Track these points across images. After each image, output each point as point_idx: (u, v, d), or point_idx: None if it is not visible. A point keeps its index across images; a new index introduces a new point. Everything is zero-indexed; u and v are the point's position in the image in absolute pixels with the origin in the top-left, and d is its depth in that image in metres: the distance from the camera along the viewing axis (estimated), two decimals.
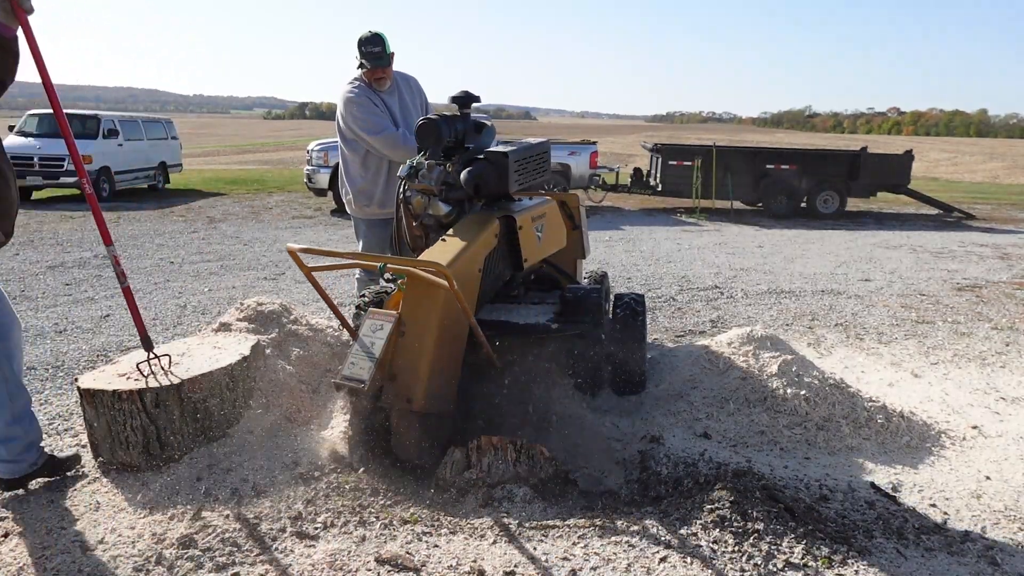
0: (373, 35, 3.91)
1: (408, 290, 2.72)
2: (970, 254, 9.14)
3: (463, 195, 3.21)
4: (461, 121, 3.33)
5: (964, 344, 4.93)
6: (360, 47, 3.93)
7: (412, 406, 2.61)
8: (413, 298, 2.70)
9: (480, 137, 3.42)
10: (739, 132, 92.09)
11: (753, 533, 2.22)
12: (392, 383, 2.63)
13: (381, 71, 3.96)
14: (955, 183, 24.94)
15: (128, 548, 2.22)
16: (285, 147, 37.39)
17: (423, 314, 2.67)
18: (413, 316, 2.68)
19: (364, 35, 3.93)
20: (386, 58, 3.93)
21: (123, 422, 2.67)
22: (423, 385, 2.61)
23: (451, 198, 3.22)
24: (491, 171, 3.10)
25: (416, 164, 3.20)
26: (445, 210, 3.21)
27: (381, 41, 3.89)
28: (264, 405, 3.16)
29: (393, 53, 3.98)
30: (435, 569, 2.07)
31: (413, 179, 3.20)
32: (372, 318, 2.70)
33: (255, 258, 7.82)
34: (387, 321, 2.66)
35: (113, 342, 4.68)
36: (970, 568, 2.23)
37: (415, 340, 2.65)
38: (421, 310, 2.68)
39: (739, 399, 3.37)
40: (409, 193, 3.25)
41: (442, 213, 3.21)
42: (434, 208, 3.22)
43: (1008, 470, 2.97)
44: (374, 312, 2.74)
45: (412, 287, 2.71)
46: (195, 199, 13.16)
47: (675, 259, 8.33)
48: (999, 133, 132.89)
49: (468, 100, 3.34)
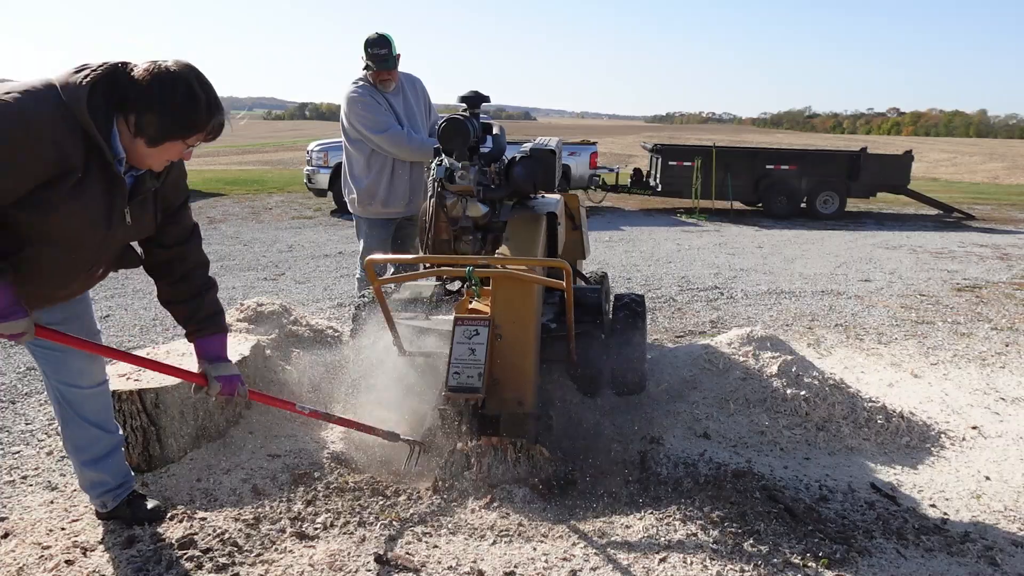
0: (380, 37, 3.91)
1: (499, 292, 2.68)
2: (970, 254, 9.14)
3: (500, 195, 3.20)
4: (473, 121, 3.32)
5: (964, 344, 4.94)
6: (367, 49, 3.93)
7: (524, 408, 2.59)
8: (505, 299, 2.67)
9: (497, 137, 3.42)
10: (739, 132, 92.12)
11: (753, 533, 2.22)
12: (496, 387, 2.59)
13: (387, 73, 3.96)
14: (955, 183, 24.94)
15: (128, 548, 2.22)
16: (285, 147, 37.39)
17: (518, 314, 2.65)
18: (508, 317, 2.65)
19: (371, 37, 3.93)
20: (392, 60, 3.93)
21: (123, 422, 2.67)
22: (531, 385, 2.60)
23: (487, 198, 3.19)
24: (539, 168, 3.11)
25: (449, 165, 3.17)
26: (483, 211, 3.17)
27: (388, 43, 3.90)
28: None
29: (399, 55, 3.99)
30: (435, 569, 2.07)
31: (451, 181, 3.15)
32: (463, 324, 2.62)
33: (255, 258, 7.82)
34: (481, 325, 2.60)
35: (113, 342, 4.68)
36: (970, 568, 2.23)
37: (515, 341, 2.62)
38: (515, 311, 2.65)
39: (739, 399, 3.37)
40: (445, 195, 3.18)
41: (480, 214, 3.17)
42: (472, 209, 3.16)
43: (1008, 470, 2.98)
44: (462, 318, 2.66)
45: (503, 288, 2.67)
46: (195, 199, 13.13)
47: (675, 259, 8.33)
48: (999, 133, 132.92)
49: (478, 100, 3.31)
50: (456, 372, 2.53)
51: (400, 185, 4.14)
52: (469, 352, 2.56)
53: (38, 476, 2.80)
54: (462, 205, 3.15)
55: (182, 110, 1.80)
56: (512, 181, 3.10)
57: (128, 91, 1.78)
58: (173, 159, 1.94)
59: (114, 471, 2.37)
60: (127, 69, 1.80)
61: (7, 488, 2.70)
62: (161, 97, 1.77)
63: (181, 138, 1.85)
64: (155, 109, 1.78)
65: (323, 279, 6.83)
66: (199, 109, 1.82)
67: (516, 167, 3.10)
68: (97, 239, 1.93)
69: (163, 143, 1.84)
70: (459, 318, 2.66)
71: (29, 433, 3.22)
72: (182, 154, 1.93)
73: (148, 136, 1.81)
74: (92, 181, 1.80)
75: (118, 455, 2.40)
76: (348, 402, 3.28)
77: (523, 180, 3.08)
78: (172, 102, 1.78)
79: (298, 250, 8.42)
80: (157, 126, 1.80)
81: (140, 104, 1.78)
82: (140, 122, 1.79)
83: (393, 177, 4.11)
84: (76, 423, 2.27)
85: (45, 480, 2.76)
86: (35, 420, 3.33)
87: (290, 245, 8.75)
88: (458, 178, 3.11)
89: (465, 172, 3.10)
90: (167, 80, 1.78)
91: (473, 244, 3.23)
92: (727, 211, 13.18)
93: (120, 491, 2.38)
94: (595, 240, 8.97)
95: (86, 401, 2.25)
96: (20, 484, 2.74)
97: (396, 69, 4.01)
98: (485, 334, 2.58)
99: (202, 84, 1.83)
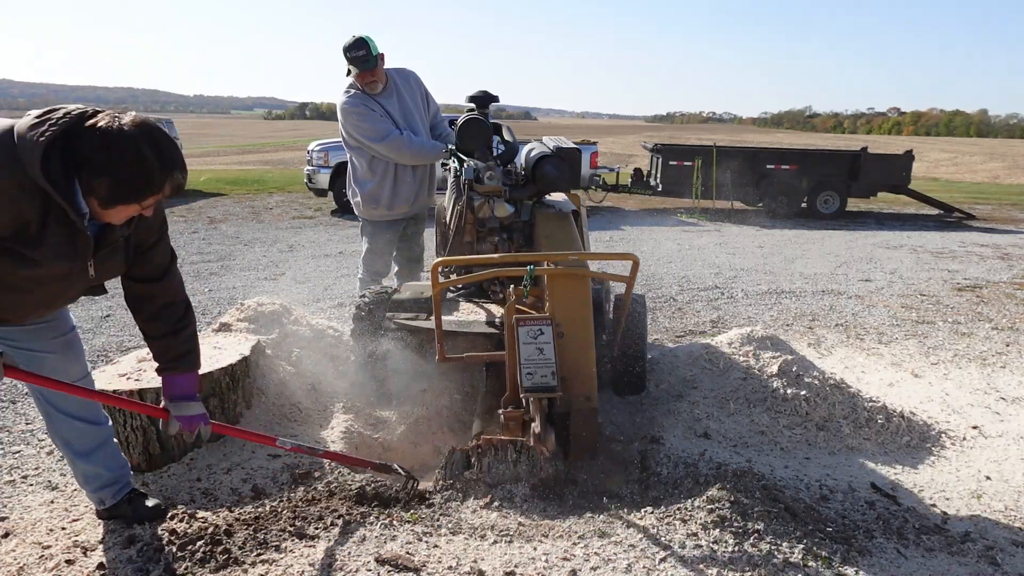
0: (356, 40, 3.87)
1: (557, 290, 2.70)
2: (970, 254, 9.14)
3: (524, 195, 3.21)
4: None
5: (964, 344, 4.93)
6: (346, 54, 3.90)
7: (591, 403, 2.61)
8: (563, 297, 2.69)
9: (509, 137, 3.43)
10: (739, 132, 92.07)
11: (753, 533, 2.22)
12: (564, 385, 2.59)
13: (370, 74, 3.92)
14: (955, 183, 24.92)
15: (128, 548, 2.22)
16: (285, 147, 37.40)
17: (576, 311, 2.68)
18: (567, 315, 2.67)
19: (348, 41, 3.89)
20: (372, 60, 3.87)
21: (123, 422, 2.67)
22: (594, 381, 2.63)
23: (512, 198, 3.20)
24: (567, 167, 3.14)
25: (475, 166, 3.16)
26: (510, 211, 3.18)
27: (365, 44, 3.85)
28: (264, 405, 3.16)
29: (382, 54, 3.94)
30: (435, 569, 2.07)
31: (479, 182, 3.14)
32: (525, 324, 2.60)
33: (255, 258, 7.82)
34: (543, 325, 2.60)
35: (113, 342, 4.68)
36: (970, 568, 2.23)
37: (576, 339, 2.65)
38: (572, 308, 2.68)
39: (739, 399, 3.37)
40: (474, 196, 3.18)
41: (507, 214, 3.18)
42: (499, 209, 3.17)
43: (1008, 470, 2.97)
44: (523, 319, 2.63)
45: (561, 286, 2.69)
46: (195, 199, 13.15)
47: (675, 259, 8.32)
48: (999, 133, 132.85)
49: (487, 100, 3.30)
50: (529, 373, 2.50)
51: (404, 187, 4.12)
52: (538, 352, 2.54)
53: (38, 476, 2.80)
54: (490, 206, 3.15)
55: (132, 176, 1.76)
56: (543, 179, 3.12)
57: (82, 151, 1.74)
58: (132, 215, 1.89)
59: (108, 463, 2.35)
60: (86, 125, 1.75)
61: (7, 488, 2.70)
62: (109, 163, 1.73)
63: (133, 202, 1.81)
64: (105, 174, 1.74)
65: (323, 279, 6.83)
66: (150, 173, 1.77)
67: (547, 166, 3.11)
68: (58, 287, 1.92)
69: (115, 206, 1.80)
70: (520, 319, 2.62)
71: (30, 433, 3.22)
72: (140, 211, 1.88)
73: (100, 198, 1.78)
74: (51, 235, 1.78)
75: (110, 446, 2.38)
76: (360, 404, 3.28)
77: (555, 178, 3.10)
78: (120, 168, 1.74)
79: (298, 250, 8.42)
80: (107, 191, 1.76)
81: (91, 167, 1.74)
82: (92, 184, 1.76)
83: (396, 180, 4.09)
84: (60, 419, 2.25)
85: (45, 480, 2.76)
86: (35, 420, 3.33)
87: (290, 245, 8.75)
88: (486, 179, 3.11)
89: (493, 173, 3.11)
90: (115, 145, 1.73)
91: (500, 245, 3.23)
92: (727, 211, 13.17)
93: (118, 486, 2.37)
94: (595, 240, 8.97)
95: (67, 396, 2.23)
96: (20, 484, 2.74)
97: (379, 68, 3.95)
98: (549, 332, 2.58)
99: (155, 145, 1.77)
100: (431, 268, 2.71)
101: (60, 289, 1.97)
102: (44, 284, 1.89)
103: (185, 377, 2.24)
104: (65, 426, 2.27)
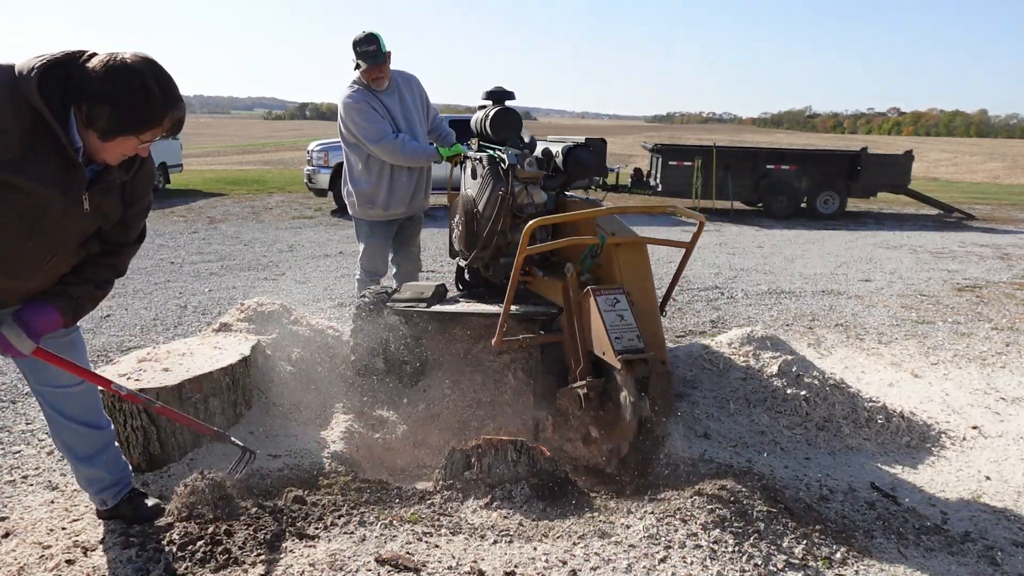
0: (367, 35, 3.89)
1: (625, 258, 2.79)
2: (970, 254, 9.14)
3: (556, 184, 3.33)
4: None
5: (964, 344, 4.93)
6: (355, 48, 3.91)
7: (667, 367, 2.69)
8: (631, 266, 2.79)
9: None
10: (739, 132, 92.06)
11: (753, 533, 2.22)
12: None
13: (378, 70, 3.94)
14: (955, 183, 24.93)
15: (128, 548, 2.22)
16: (285, 147, 37.40)
17: (642, 279, 2.79)
18: (636, 284, 2.76)
19: (358, 36, 3.92)
20: (382, 55, 3.90)
21: (124, 422, 2.67)
22: (664, 346, 2.72)
23: (544, 187, 3.31)
24: (596, 157, 3.30)
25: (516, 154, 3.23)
26: (544, 198, 3.29)
27: (375, 39, 3.88)
28: (264, 405, 3.16)
29: (389, 52, 3.97)
30: (435, 569, 2.07)
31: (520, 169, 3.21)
32: (601, 295, 2.65)
33: (255, 258, 7.82)
34: (617, 293, 2.66)
35: (113, 342, 4.68)
36: (970, 568, 2.23)
37: (644, 305, 2.73)
38: (639, 276, 2.78)
39: (739, 399, 3.37)
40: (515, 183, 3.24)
41: (542, 201, 3.27)
42: (536, 196, 3.26)
43: (1008, 470, 2.97)
44: (597, 289, 2.68)
45: (628, 255, 2.79)
46: (195, 199, 13.15)
47: (675, 259, 8.31)
48: (999, 133, 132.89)
49: (503, 96, 3.37)
50: (617, 338, 2.55)
51: (400, 188, 4.11)
52: (619, 318, 2.59)
53: (39, 476, 2.80)
54: (527, 193, 3.24)
55: (135, 106, 1.74)
56: (579, 167, 3.26)
57: (82, 81, 1.73)
58: (128, 154, 1.87)
59: (110, 466, 2.35)
60: (84, 58, 1.75)
61: (8, 488, 2.71)
62: (114, 91, 1.72)
63: (133, 134, 1.79)
64: (107, 103, 1.73)
65: (323, 279, 6.83)
66: (152, 106, 1.76)
67: (581, 153, 3.26)
68: (57, 230, 1.87)
69: (115, 138, 1.78)
70: (595, 289, 2.69)
71: (30, 433, 3.22)
72: (136, 149, 1.86)
73: (99, 129, 1.76)
74: (39, 162, 1.74)
75: (112, 450, 2.37)
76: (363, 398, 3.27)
77: (589, 167, 3.25)
78: (125, 97, 1.73)
79: (298, 250, 8.42)
80: (108, 120, 1.74)
81: (92, 96, 1.72)
82: (91, 114, 1.74)
83: (393, 180, 4.08)
84: (62, 423, 2.24)
85: (46, 480, 2.77)
86: (36, 420, 3.33)
87: (290, 245, 8.75)
88: (526, 166, 3.20)
89: (532, 159, 3.21)
90: (121, 74, 1.72)
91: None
92: (727, 211, 13.18)
93: (119, 488, 2.37)
94: None
95: (68, 400, 2.22)
96: (21, 484, 2.74)
97: (387, 65, 3.97)
98: (624, 300, 2.64)
99: (159, 79, 1.77)
100: (524, 231, 2.73)
101: (59, 232, 1.89)
102: (40, 219, 1.82)
103: (50, 309, 2.01)
104: (67, 431, 2.26)
